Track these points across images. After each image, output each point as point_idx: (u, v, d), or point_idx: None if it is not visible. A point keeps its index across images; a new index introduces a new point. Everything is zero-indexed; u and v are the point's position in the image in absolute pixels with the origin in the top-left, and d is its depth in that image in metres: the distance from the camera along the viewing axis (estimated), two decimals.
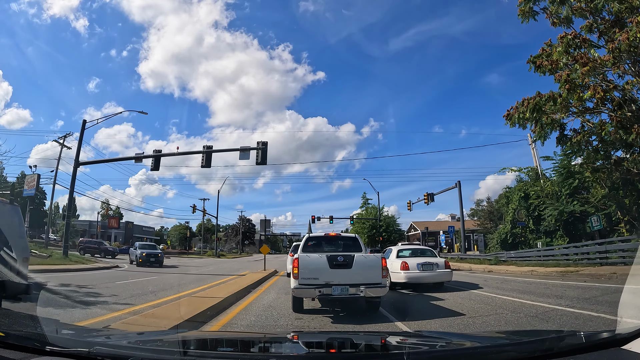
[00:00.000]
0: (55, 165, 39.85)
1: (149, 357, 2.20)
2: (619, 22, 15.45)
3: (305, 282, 8.74)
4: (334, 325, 8.45)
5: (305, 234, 17.77)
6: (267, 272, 21.45)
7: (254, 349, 3.19)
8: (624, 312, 3.14)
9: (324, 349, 3.16)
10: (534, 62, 17.38)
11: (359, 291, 8.63)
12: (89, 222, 79.66)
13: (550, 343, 2.53)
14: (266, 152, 26.48)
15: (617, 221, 24.56)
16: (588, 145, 19.63)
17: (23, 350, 2.19)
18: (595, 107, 16.83)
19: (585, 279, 15.52)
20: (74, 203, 70.47)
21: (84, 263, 26.38)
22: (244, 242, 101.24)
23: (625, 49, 14.14)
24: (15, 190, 51.94)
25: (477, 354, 2.43)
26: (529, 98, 17.60)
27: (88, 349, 2.18)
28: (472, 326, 7.62)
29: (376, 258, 9.11)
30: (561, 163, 29.43)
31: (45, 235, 43.73)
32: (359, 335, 4.75)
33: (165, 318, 7.68)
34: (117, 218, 73.31)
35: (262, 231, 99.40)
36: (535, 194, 32.41)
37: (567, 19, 17.26)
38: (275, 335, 5.08)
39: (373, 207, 65.54)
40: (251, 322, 8.40)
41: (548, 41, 17.42)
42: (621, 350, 2.12)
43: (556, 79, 16.21)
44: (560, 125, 18.63)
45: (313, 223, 62.40)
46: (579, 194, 27.87)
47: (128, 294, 12.64)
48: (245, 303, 10.95)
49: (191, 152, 29.97)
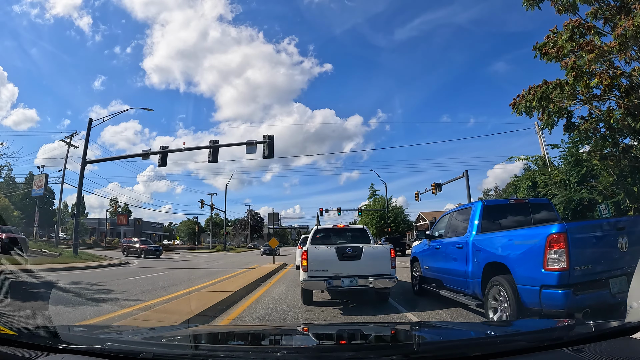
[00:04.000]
0: (63, 164, 40.03)
1: (160, 352, 2.21)
2: (624, 7, 15.26)
3: (314, 275, 8.78)
4: (344, 316, 8.50)
5: (314, 226, 17.76)
6: (277, 265, 21.58)
7: (265, 341, 3.21)
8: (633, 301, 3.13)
9: (334, 340, 3.19)
10: (539, 50, 17.20)
11: (368, 282, 8.66)
12: (98, 219, 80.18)
13: (559, 332, 2.53)
14: (273, 145, 26.42)
15: (626, 209, 24.35)
16: (596, 133, 19.44)
17: (35, 348, 2.21)
18: (603, 95, 16.65)
19: None
20: (83, 201, 71.21)
21: (94, 261, 26.55)
22: (253, 236, 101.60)
23: (632, 35, 13.97)
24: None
25: (486, 343, 2.44)
26: (535, 86, 17.44)
27: (100, 346, 2.20)
28: (481, 316, 7.61)
29: (385, 249, 9.12)
30: (569, 151, 29.15)
31: (55, 234, 44.07)
32: (369, 326, 4.76)
33: (176, 313, 7.74)
34: (125, 215, 73.54)
35: (271, 224, 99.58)
36: (543, 183, 32.17)
37: (573, 6, 17.04)
38: (286, 327, 5.09)
39: (381, 198, 65.41)
40: (261, 315, 8.46)
41: (554, 28, 17.22)
42: (631, 339, 2.12)
43: (562, 66, 16.04)
44: (567, 113, 18.45)
45: (321, 215, 62.62)
46: (587, 182, 27.62)
47: (139, 289, 12.73)
48: (255, 296, 11.01)
49: (198, 147, 29.87)
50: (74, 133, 40.37)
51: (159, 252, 39.59)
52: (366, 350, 2.48)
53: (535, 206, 8.57)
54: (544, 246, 5.47)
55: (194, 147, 30.15)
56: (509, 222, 7.83)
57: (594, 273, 5.46)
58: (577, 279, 5.34)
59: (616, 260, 5.49)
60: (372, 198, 69.63)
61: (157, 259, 36.92)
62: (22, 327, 5.07)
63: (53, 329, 2.75)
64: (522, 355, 2.08)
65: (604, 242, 5.69)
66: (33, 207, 51.73)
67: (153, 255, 38.47)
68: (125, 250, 40.31)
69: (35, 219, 44.56)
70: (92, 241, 64.35)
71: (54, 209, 65.35)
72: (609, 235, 5.68)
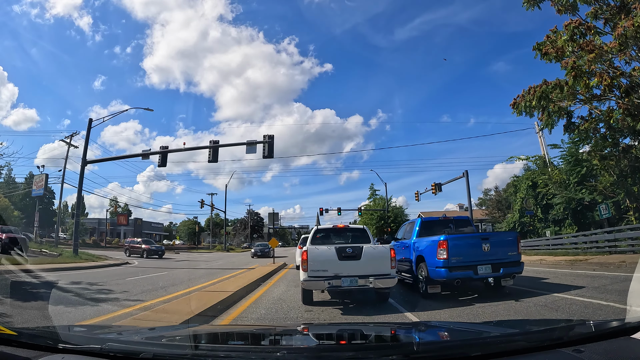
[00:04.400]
0: (63, 164, 40.05)
1: (160, 352, 2.21)
2: (624, 7, 15.27)
3: (314, 275, 8.77)
4: (344, 316, 8.50)
5: (314, 226, 17.77)
6: (277, 265, 21.56)
7: (265, 341, 3.21)
8: (633, 301, 3.14)
9: (334, 340, 3.20)
10: (539, 50, 17.22)
11: (368, 282, 8.66)
12: (98, 219, 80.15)
13: (559, 332, 2.53)
14: (273, 145, 26.41)
15: (626, 209, 24.39)
16: (596, 133, 19.48)
17: (36, 348, 2.22)
18: (603, 95, 16.68)
19: (594, 268, 15.45)
20: (83, 201, 71.22)
21: (94, 261, 26.56)
22: (253, 236, 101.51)
23: (632, 35, 13.98)
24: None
25: (486, 343, 2.44)
26: (535, 86, 17.46)
27: (100, 346, 2.20)
28: (482, 316, 7.62)
29: (385, 249, 9.12)
30: (569, 151, 29.22)
31: (55, 234, 44.07)
32: (369, 326, 4.77)
33: (176, 313, 7.74)
34: (125, 215, 73.46)
35: (271, 224, 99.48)
36: (543, 183, 32.21)
37: (573, 6, 17.07)
38: (286, 327, 5.09)
39: (381, 198, 65.24)
40: (261, 315, 8.46)
41: (554, 28, 17.24)
42: (631, 339, 2.12)
43: (562, 66, 16.07)
44: (567, 113, 18.48)
45: (321, 215, 62.38)
46: (587, 182, 27.65)
47: (139, 289, 12.73)
48: (255, 296, 11.01)
49: (198, 147, 29.84)
50: (74, 133, 40.44)
51: (162, 252, 39.44)
52: (366, 350, 2.49)
53: (458, 221, 12.80)
54: (437, 246, 9.54)
55: (194, 147, 30.14)
56: (437, 231, 11.36)
57: (464, 262, 9.47)
58: (453, 264, 9.34)
59: (482, 255, 9.55)
60: (372, 198, 69.46)
61: (159, 259, 36.90)
62: (22, 327, 5.06)
63: (53, 329, 2.75)
64: (522, 355, 2.08)
65: (473, 245, 9.80)
66: (33, 207, 51.72)
67: (156, 255, 38.30)
68: (128, 250, 40.19)
69: (35, 219, 44.53)
70: (92, 241, 64.39)
71: (54, 209, 65.37)
72: (477, 242, 9.83)
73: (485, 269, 9.37)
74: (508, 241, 10.28)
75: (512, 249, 10.03)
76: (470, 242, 10.00)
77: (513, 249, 10.03)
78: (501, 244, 10.05)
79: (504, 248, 9.94)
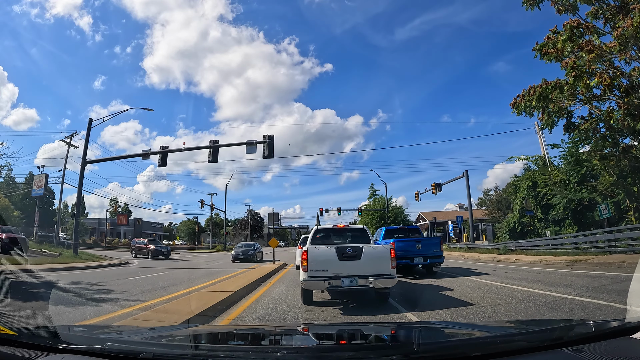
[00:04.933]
0: (63, 164, 40.07)
1: (160, 352, 2.21)
2: (624, 7, 15.27)
3: (314, 275, 8.76)
4: (344, 316, 8.49)
5: (314, 226, 17.77)
6: (277, 265, 21.53)
7: (265, 341, 3.22)
8: (633, 301, 3.13)
9: (334, 340, 3.20)
10: (539, 50, 17.22)
11: (368, 282, 8.64)
12: (98, 219, 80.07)
13: (559, 332, 2.53)
14: (273, 145, 26.47)
15: (625, 209, 24.39)
16: (596, 133, 19.47)
17: (36, 348, 2.22)
18: (603, 95, 16.67)
19: (594, 268, 15.46)
20: (83, 201, 71.21)
21: (94, 260, 26.55)
22: (253, 236, 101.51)
23: (631, 35, 13.98)
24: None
25: (486, 343, 2.44)
26: (535, 86, 17.46)
27: (100, 346, 2.21)
28: (482, 316, 7.63)
29: (385, 249, 9.11)
30: (569, 151, 29.20)
31: (55, 234, 44.00)
32: (369, 326, 4.76)
33: (176, 313, 7.73)
34: (125, 215, 73.45)
35: (271, 224, 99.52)
36: (543, 183, 32.22)
37: (573, 6, 17.08)
38: (286, 327, 5.09)
39: (381, 198, 65.19)
40: (261, 315, 8.45)
41: (554, 28, 17.23)
42: (631, 339, 2.12)
43: (562, 66, 16.07)
44: (567, 113, 18.48)
45: (321, 215, 62.53)
46: (587, 182, 27.65)
47: (139, 289, 12.73)
48: (255, 296, 11.00)
49: (198, 147, 29.85)
50: (74, 133, 40.48)
51: (167, 253, 38.83)
52: (366, 350, 2.49)
53: (410, 229, 19.35)
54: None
55: (194, 147, 30.17)
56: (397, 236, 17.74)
57: (403, 254, 14.79)
58: (398, 256, 12.01)
59: (416, 251, 15.37)
60: (372, 198, 69.39)
61: (165, 259, 36.30)
62: (22, 327, 5.07)
63: (53, 329, 2.75)
64: (522, 355, 2.09)
65: (410, 245, 15.59)
66: (33, 207, 51.72)
67: (161, 256, 37.65)
68: (134, 251, 39.58)
69: (35, 219, 44.53)
70: (92, 241, 64.42)
71: (54, 209, 65.25)
72: (413, 243, 15.69)
73: (417, 260, 15.50)
74: (434, 243, 16.33)
75: (437, 248, 15.97)
76: (409, 243, 15.87)
77: (437, 248, 15.95)
78: (429, 245, 15.94)
79: (431, 247, 15.79)
